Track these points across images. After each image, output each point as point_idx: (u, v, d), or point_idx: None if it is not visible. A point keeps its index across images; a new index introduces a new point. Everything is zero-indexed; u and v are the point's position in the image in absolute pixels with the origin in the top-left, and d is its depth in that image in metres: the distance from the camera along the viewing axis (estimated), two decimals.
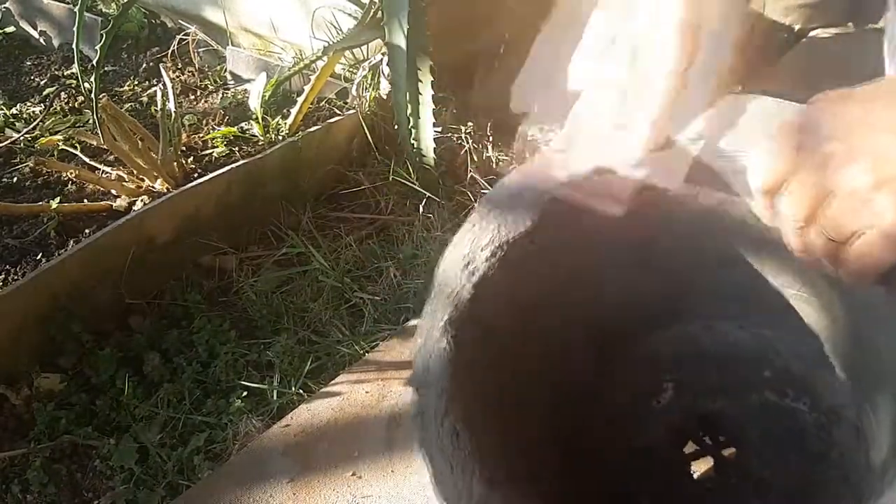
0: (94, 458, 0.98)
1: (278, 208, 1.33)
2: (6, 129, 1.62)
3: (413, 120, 1.32)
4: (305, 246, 1.25)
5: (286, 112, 1.52)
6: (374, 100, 1.47)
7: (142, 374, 1.08)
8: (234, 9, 1.77)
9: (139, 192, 1.32)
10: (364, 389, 0.94)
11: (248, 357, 1.08)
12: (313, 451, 0.87)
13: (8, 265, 1.20)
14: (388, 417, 0.90)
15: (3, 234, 1.26)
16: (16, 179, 1.43)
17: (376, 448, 0.86)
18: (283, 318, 1.14)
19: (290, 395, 1.00)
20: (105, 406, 1.03)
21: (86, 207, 1.29)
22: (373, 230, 1.33)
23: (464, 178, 1.40)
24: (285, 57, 1.69)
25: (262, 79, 1.53)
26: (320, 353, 1.07)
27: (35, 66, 1.90)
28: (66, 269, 1.07)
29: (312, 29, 1.59)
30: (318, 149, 1.39)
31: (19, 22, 2.01)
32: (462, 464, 0.40)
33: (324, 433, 0.89)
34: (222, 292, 1.23)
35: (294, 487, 0.83)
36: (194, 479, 0.93)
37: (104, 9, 2.02)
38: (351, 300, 1.15)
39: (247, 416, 0.96)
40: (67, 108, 1.69)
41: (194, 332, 1.11)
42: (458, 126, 1.48)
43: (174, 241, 1.20)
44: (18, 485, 0.95)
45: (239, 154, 1.43)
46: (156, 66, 1.83)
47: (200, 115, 1.60)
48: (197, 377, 1.06)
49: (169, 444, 0.97)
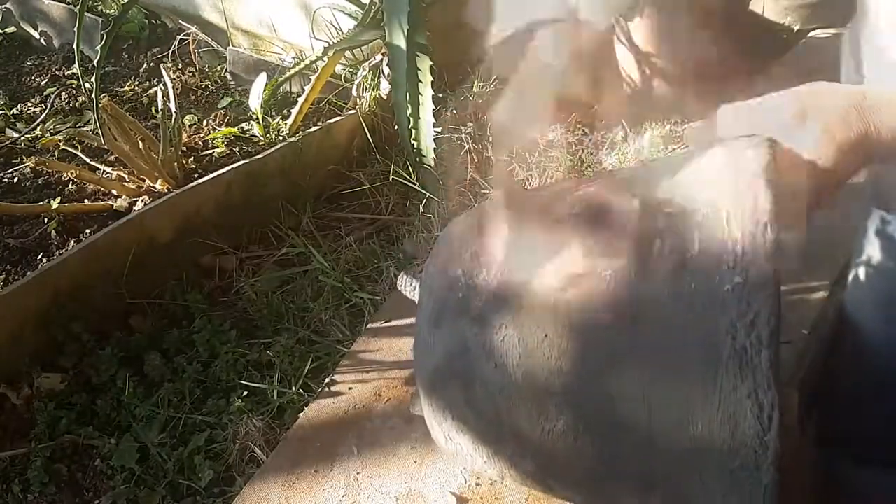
0: (95, 457, 0.98)
1: (278, 208, 1.34)
2: (7, 129, 1.62)
3: (413, 120, 1.32)
4: (305, 246, 1.25)
5: (286, 112, 1.52)
6: (374, 100, 1.47)
7: (142, 374, 1.08)
8: (234, 9, 1.77)
9: (140, 192, 1.32)
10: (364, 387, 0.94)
11: (248, 357, 1.08)
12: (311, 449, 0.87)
13: (9, 265, 1.20)
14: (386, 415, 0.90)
15: (4, 234, 1.26)
16: (17, 179, 1.43)
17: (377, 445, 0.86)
18: (283, 318, 1.14)
19: (290, 395, 1.00)
20: (106, 406, 1.03)
21: (86, 207, 1.30)
22: (373, 230, 1.33)
23: (464, 178, 1.40)
24: (285, 57, 1.69)
25: (263, 79, 1.53)
26: (320, 353, 1.07)
27: (36, 66, 1.90)
28: (67, 269, 1.07)
29: (312, 29, 1.59)
30: (319, 149, 1.39)
31: (20, 22, 2.01)
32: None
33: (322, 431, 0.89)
34: (223, 292, 1.23)
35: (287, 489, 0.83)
36: (194, 478, 0.93)
37: (104, 9, 2.02)
38: (351, 300, 1.15)
39: (247, 416, 0.97)
40: (68, 109, 1.70)
41: (195, 332, 1.12)
42: (458, 126, 1.48)
43: (175, 241, 1.20)
44: (19, 484, 0.95)
45: (239, 154, 1.44)
46: (156, 67, 1.83)
47: (201, 116, 1.61)
48: (197, 377, 1.06)
49: (169, 444, 0.97)
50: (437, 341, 0.54)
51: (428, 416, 0.58)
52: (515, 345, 0.49)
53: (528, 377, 0.48)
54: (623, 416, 0.45)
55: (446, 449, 0.58)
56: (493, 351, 0.50)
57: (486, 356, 0.50)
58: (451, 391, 0.53)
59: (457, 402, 0.53)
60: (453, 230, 0.59)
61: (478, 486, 0.80)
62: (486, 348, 0.50)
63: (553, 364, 0.47)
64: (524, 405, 0.49)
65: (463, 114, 1.53)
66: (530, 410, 0.49)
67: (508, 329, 0.49)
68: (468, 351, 0.51)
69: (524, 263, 0.50)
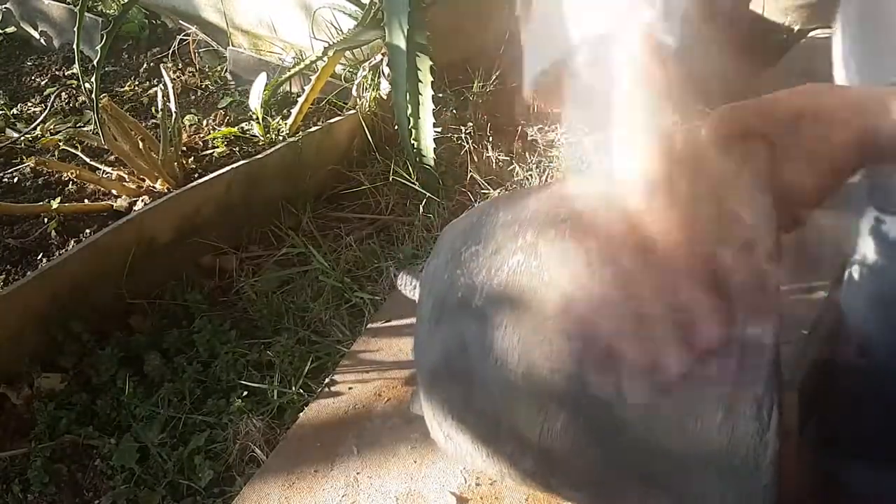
0: (95, 457, 0.98)
1: (278, 208, 1.34)
2: (7, 129, 1.62)
3: (413, 120, 1.32)
4: (305, 246, 1.25)
5: (286, 112, 1.52)
6: (374, 100, 1.47)
7: (142, 374, 1.08)
8: (234, 9, 1.77)
9: (140, 192, 1.32)
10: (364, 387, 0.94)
11: (248, 357, 1.08)
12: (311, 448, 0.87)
13: (9, 265, 1.20)
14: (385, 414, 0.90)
15: (4, 234, 1.26)
16: (16, 179, 1.43)
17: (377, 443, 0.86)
18: (283, 318, 1.14)
19: (290, 395, 1.00)
20: (106, 406, 1.03)
21: (86, 207, 1.30)
22: (373, 230, 1.33)
23: (464, 178, 1.40)
24: (285, 57, 1.69)
25: (263, 79, 1.53)
26: (320, 353, 1.07)
27: (36, 66, 1.90)
28: (67, 269, 1.07)
29: (312, 29, 1.59)
30: (319, 149, 1.39)
31: (20, 22, 2.01)
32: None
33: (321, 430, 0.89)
34: (223, 292, 1.23)
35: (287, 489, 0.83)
36: (194, 478, 0.93)
37: (104, 9, 2.02)
38: (351, 300, 1.16)
39: (247, 416, 0.97)
40: (68, 109, 1.70)
41: (195, 332, 1.12)
42: (458, 126, 1.49)
43: (175, 241, 1.20)
44: (19, 484, 0.95)
45: (239, 154, 1.44)
46: (156, 67, 1.83)
47: (201, 116, 1.61)
48: (197, 377, 1.06)
49: (169, 444, 0.97)
50: (437, 339, 0.54)
51: (427, 414, 0.58)
52: (515, 343, 0.49)
53: (527, 375, 0.48)
54: (622, 414, 0.45)
55: (446, 448, 0.58)
56: (493, 349, 0.50)
57: (486, 354, 0.50)
58: (450, 390, 0.53)
59: (456, 400, 0.53)
60: (453, 229, 0.59)
61: (478, 486, 0.80)
62: (485, 346, 0.50)
63: (552, 362, 0.48)
64: (524, 403, 0.49)
65: (463, 114, 1.53)
66: (530, 408, 0.49)
67: (508, 327, 0.49)
68: (467, 349, 0.51)
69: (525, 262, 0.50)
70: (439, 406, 0.55)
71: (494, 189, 1.37)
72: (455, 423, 0.55)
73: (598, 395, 0.46)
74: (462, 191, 1.37)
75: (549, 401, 0.48)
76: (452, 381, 0.53)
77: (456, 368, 0.52)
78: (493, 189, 1.37)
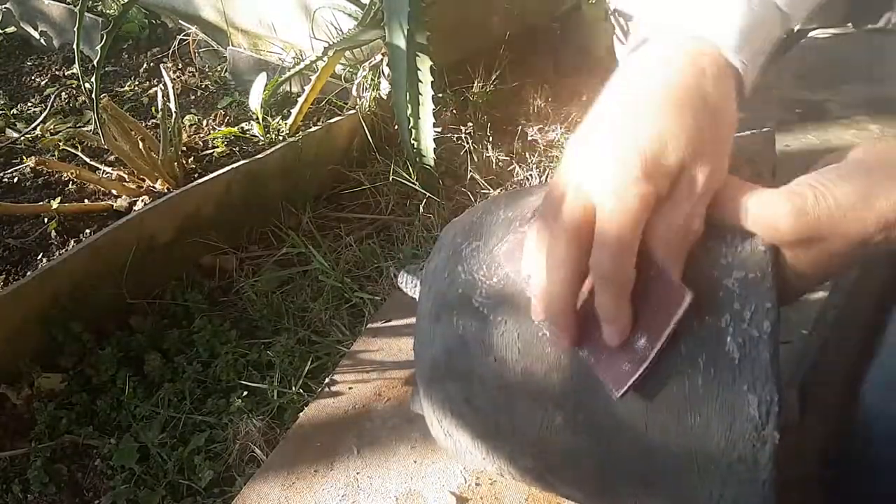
0: (95, 457, 0.98)
1: (278, 208, 1.34)
2: (7, 129, 1.62)
3: (413, 120, 1.32)
4: (305, 246, 1.25)
5: (286, 112, 1.53)
6: (374, 100, 1.47)
7: (142, 374, 1.08)
8: (233, 9, 1.78)
9: (140, 192, 1.33)
10: (364, 387, 0.94)
11: (248, 357, 1.08)
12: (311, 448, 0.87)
13: (9, 265, 1.20)
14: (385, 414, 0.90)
15: (4, 234, 1.26)
16: (16, 179, 1.43)
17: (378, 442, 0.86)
18: (283, 318, 1.14)
19: (290, 395, 1.00)
20: (106, 406, 1.03)
21: (86, 207, 1.30)
22: (373, 230, 1.33)
23: (464, 178, 1.40)
24: (285, 57, 1.69)
25: (263, 79, 1.53)
26: (320, 353, 1.07)
27: (36, 66, 1.90)
28: (67, 269, 1.07)
29: (312, 29, 1.60)
30: (319, 149, 1.39)
31: (20, 22, 2.01)
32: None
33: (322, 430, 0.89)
34: (223, 292, 1.23)
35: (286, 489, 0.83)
36: (195, 478, 0.93)
37: (104, 9, 2.02)
38: (351, 300, 1.15)
39: (247, 416, 0.97)
40: (68, 109, 1.70)
41: (195, 332, 1.12)
42: (458, 126, 1.49)
43: (175, 240, 1.20)
44: (19, 484, 0.95)
45: (239, 154, 1.44)
46: (156, 67, 1.84)
47: (201, 116, 1.61)
48: (197, 377, 1.06)
49: (169, 444, 0.97)
50: (436, 337, 0.54)
51: (427, 412, 0.58)
52: (514, 340, 0.49)
53: (526, 372, 0.48)
54: (621, 410, 0.45)
55: (445, 445, 0.58)
56: (492, 346, 0.50)
57: (485, 351, 0.50)
58: (449, 387, 0.53)
59: (455, 397, 0.53)
60: (454, 226, 0.59)
61: (478, 486, 0.80)
62: (485, 343, 0.50)
63: (551, 359, 0.48)
64: (523, 400, 0.49)
65: (463, 114, 1.53)
66: (529, 406, 0.49)
67: (508, 324, 0.49)
68: (467, 346, 0.51)
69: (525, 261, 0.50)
70: (439, 403, 0.55)
71: (494, 189, 1.37)
72: (454, 421, 0.55)
73: (597, 393, 0.46)
74: (462, 191, 1.38)
75: (548, 398, 0.48)
76: (452, 378, 0.53)
77: (455, 365, 0.52)
78: (493, 189, 1.37)
